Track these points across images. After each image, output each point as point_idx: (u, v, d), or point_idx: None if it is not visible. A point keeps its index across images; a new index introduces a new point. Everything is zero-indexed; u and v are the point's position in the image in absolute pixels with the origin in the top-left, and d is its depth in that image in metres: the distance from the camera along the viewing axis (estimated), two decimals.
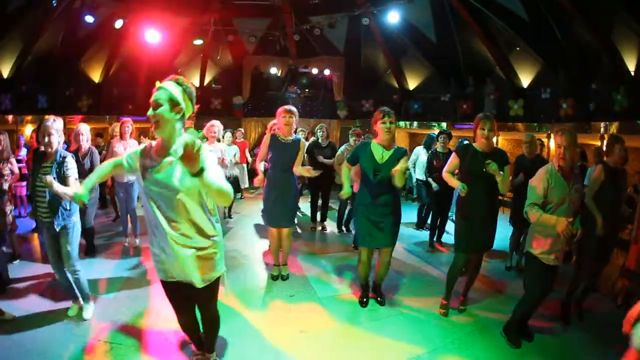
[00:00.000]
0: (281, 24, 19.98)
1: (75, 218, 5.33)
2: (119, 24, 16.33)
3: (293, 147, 6.45)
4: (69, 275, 5.36)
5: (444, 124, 16.76)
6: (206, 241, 3.54)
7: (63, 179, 5.05)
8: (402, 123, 18.59)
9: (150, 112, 3.34)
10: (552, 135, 12.80)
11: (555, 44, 13.70)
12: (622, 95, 11.59)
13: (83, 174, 6.30)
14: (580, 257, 5.94)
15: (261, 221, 9.66)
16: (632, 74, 11.59)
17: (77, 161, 6.06)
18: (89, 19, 15.55)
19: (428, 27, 17.36)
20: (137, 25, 15.85)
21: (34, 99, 17.72)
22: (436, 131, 10.99)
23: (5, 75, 17.10)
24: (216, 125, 8.28)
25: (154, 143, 3.54)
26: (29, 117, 16.73)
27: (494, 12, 14.61)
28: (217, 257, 3.65)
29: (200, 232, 3.51)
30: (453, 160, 5.52)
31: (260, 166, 6.82)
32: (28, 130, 16.04)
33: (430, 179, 9.16)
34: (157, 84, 3.42)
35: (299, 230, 10.01)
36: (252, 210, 11.86)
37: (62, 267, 5.33)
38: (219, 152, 8.05)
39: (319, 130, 10.14)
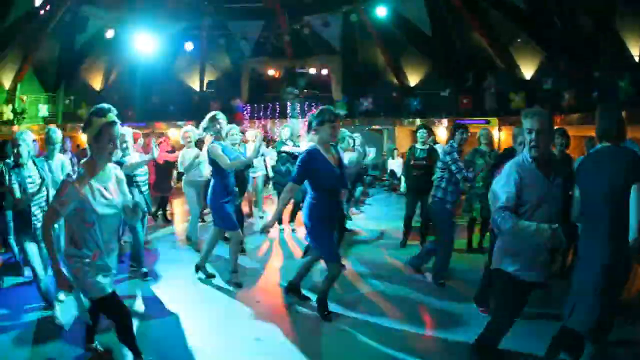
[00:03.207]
0: (275, 25, 20.15)
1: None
2: (110, 34, 16.84)
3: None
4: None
5: (444, 121, 16.29)
6: None
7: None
8: (404, 121, 18.20)
9: None
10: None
11: (556, 32, 13.29)
12: (626, 83, 11.18)
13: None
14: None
15: None
16: (637, 59, 11.13)
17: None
18: (81, 30, 15.68)
19: (423, 20, 17.04)
20: (129, 34, 15.93)
21: (34, 110, 18.26)
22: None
23: (7, 86, 17.74)
24: (190, 130, 8.28)
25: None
26: (35, 127, 17.10)
27: (490, 2, 14.23)
28: None
29: None
30: None
31: None
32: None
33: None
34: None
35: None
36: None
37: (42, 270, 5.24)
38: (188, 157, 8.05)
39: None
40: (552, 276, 4.45)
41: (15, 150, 5.16)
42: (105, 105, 3.47)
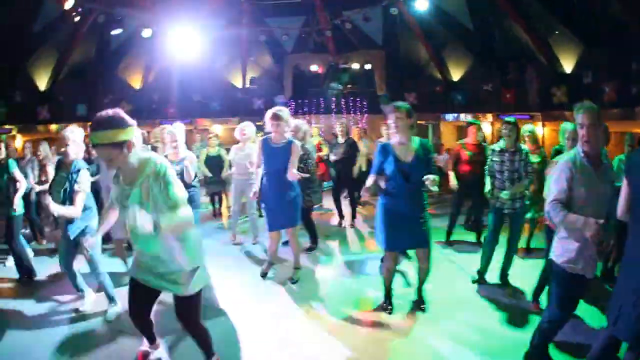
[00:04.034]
0: (315, 21, 20.45)
1: (92, 223, 5.48)
2: (147, 33, 17.02)
3: (284, 152, 6.22)
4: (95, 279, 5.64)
5: (489, 116, 15.96)
6: None
7: (72, 193, 5.30)
8: (448, 116, 17.92)
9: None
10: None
11: (594, 23, 12.80)
12: None
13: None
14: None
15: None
16: None
17: None
18: (116, 32, 15.90)
19: (462, 13, 16.77)
20: (168, 32, 16.05)
21: (72, 108, 18.75)
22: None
23: (42, 88, 18.45)
24: (247, 127, 8.35)
25: None
26: (71, 126, 17.09)
27: None
28: None
29: None
30: None
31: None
32: None
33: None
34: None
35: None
36: None
37: (71, 263, 5.65)
38: (246, 154, 8.16)
39: (338, 127, 10.15)
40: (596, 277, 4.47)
41: (63, 149, 5.53)
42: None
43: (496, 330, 5.12)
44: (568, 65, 15.31)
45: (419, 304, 5.68)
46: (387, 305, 5.65)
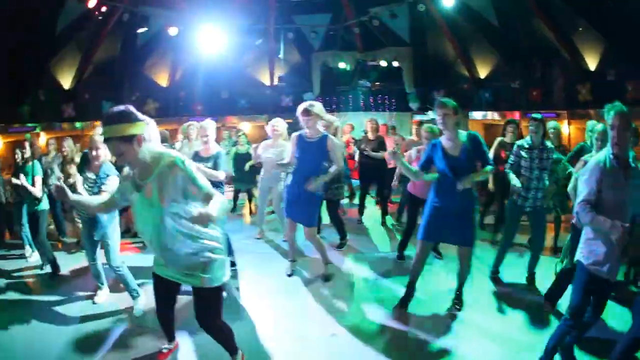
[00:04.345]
0: (342, 18, 20.80)
1: (115, 223, 5.80)
2: (173, 31, 17.32)
3: (318, 147, 6.24)
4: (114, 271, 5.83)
5: (516, 113, 15.87)
6: None
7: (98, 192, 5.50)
8: (476, 114, 17.77)
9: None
10: None
11: (612, 18, 12.62)
12: None
13: None
14: None
15: None
16: None
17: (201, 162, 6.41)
18: (142, 30, 16.11)
19: (488, 9, 16.61)
20: (194, 31, 16.47)
21: (98, 106, 18.85)
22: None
23: (66, 86, 18.73)
24: (279, 123, 8.22)
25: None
26: (97, 123, 17.72)
27: None
28: None
29: None
30: None
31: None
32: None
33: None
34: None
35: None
36: None
37: (94, 257, 5.93)
38: (281, 151, 7.98)
39: (368, 124, 10.08)
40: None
41: (94, 153, 5.64)
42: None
43: (513, 330, 5.20)
44: (592, 62, 15.17)
45: (455, 304, 5.75)
46: (406, 296, 5.75)
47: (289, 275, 6.86)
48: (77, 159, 8.49)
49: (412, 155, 7.59)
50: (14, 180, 7.34)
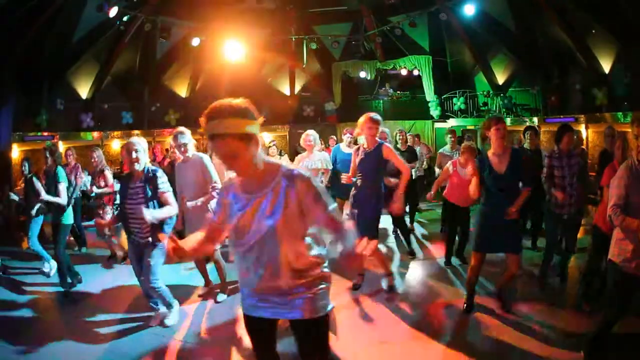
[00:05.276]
0: (363, 28, 21.15)
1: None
2: (195, 42, 17.79)
3: (375, 156, 6.30)
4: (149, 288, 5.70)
5: (535, 119, 15.84)
6: None
7: (159, 196, 5.37)
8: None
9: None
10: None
11: (625, 20, 12.60)
12: None
13: None
14: None
15: None
16: None
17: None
18: (163, 39, 16.38)
19: (505, 16, 16.66)
20: (216, 41, 16.55)
21: (117, 116, 19.51)
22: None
23: (84, 96, 18.87)
24: (311, 134, 8.30)
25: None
26: (116, 133, 19.06)
27: None
28: None
29: None
30: None
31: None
32: (115, 144, 18.75)
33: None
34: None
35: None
36: None
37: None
38: (318, 161, 8.21)
39: (397, 135, 10.00)
40: None
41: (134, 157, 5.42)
42: None
43: (553, 330, 5.33)
44: (606, 64, 15.16)
45: (506, 308, 5.89)
46: (468, 304, 5.92)
47: (356, 289, 6.80)
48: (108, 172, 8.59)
49: (449, 169, 7.67)
50: (45, 197, 7.13)
